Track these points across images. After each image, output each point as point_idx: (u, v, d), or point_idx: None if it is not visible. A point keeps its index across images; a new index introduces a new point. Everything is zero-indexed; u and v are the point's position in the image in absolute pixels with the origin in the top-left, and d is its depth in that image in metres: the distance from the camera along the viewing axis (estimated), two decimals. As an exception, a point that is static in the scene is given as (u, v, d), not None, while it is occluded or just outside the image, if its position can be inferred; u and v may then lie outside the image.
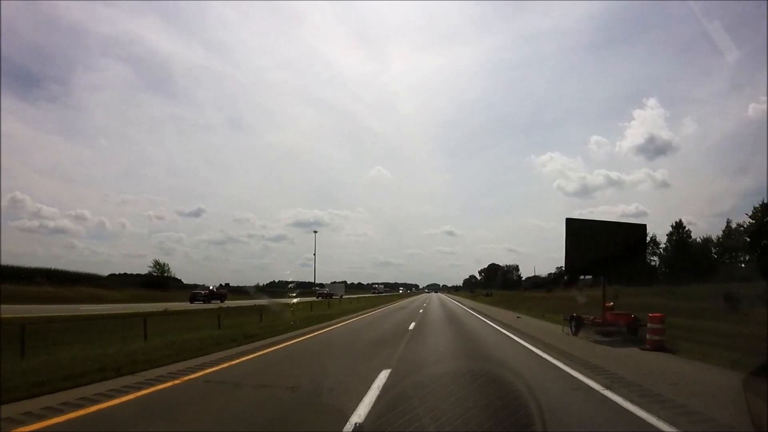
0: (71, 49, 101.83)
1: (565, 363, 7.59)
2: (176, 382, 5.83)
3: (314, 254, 52.56)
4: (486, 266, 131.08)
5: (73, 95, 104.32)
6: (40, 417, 4.14)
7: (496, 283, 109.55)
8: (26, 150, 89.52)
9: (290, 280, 62.77)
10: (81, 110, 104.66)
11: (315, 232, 54.82)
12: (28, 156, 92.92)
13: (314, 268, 53.31)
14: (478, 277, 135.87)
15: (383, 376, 6.08)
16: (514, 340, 11.53)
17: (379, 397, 4.91)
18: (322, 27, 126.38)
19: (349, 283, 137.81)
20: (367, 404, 4.58)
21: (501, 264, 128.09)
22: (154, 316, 14.04)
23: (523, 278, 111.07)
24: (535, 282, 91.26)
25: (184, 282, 66.53)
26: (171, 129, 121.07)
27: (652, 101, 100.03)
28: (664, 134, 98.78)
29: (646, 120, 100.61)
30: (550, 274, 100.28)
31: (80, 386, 5.42)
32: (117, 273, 71.43)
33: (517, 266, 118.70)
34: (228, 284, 61.39)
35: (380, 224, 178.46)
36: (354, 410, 4.33)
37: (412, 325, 15.51)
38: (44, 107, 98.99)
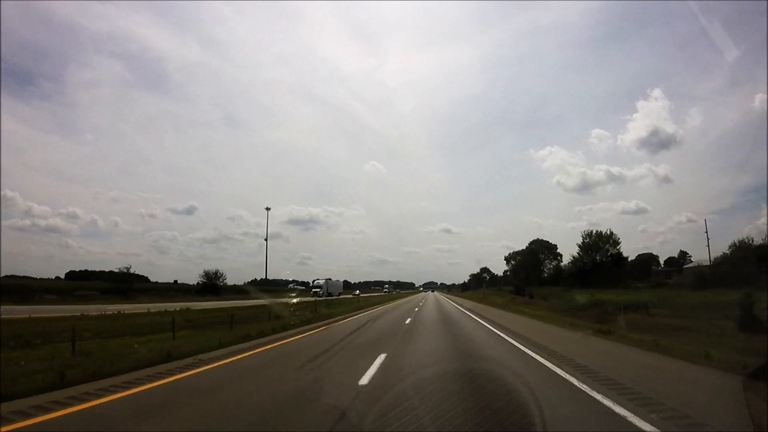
0: (64, 46, 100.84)
1: None
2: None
3: (266, 239, 49.98)
4: (515, 250, 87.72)
5: (67, 93, 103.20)
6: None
7: (538, 276, 72.46)
8: (19, 147, 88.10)
9: (290, 279, 62.77)
10: (75, 108, 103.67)
11: (267, 209, 53.10)
12: (20, 153, 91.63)
13: (266, 255, 49.70)
14: (504, 269, 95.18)
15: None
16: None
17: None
18: (318, 23, 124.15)
19: (342, 281, 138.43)
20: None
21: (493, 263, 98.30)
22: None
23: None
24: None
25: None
26: (166, 126, 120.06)
27: (656, 92, 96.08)
28: (668, 127, 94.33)
29: (651, 112, 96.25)
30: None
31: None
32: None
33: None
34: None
35: (377, 222, 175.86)
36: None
37: None
38: (37, 105, 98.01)
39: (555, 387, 5.92)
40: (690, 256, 67.05)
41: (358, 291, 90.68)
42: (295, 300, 39.89)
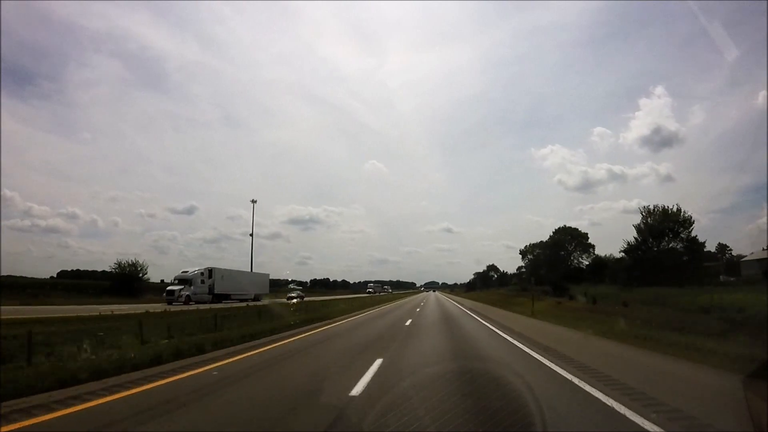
0: (64, 45, 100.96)
1: None
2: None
3: (251, 234, 44.86)
4: (533, 243, 71.06)
5: (66, 92, 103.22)
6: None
7: (566, 272, 54.39)
8: (19, 147, 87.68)
9: (290, 279, 61.39)
10: (74, 107, 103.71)
11: (253, 201, 48.62)
12: (20, 153, 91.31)
13: (251, 251, 45.36)
14: (514, 266, 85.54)
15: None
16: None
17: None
18: (318, 23, 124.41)
19: (340, 281, 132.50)
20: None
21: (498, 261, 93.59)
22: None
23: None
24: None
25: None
26: (166, 126, 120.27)
27: (659, 89, 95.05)
28: (671, 125, 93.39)
29: (653, 110, 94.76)
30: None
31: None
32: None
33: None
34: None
35: (377, 221, 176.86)
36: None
37: None
38: (37, 104, 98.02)
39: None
40: (730, 249, 62.79)
41: (297, 293, 49.36)
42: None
